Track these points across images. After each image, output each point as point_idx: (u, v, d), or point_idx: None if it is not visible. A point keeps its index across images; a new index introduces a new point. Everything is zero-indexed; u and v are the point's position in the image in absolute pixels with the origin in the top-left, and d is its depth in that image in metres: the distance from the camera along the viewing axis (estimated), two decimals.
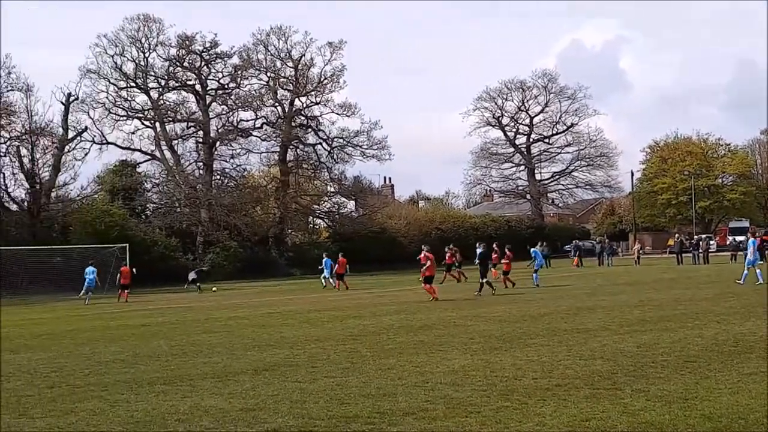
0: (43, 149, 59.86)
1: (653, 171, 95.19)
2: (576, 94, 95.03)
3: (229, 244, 65.45)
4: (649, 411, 9.68)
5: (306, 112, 76.27)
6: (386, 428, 9.44)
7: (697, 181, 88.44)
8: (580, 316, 21.41)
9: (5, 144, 58.24)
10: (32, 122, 58.39)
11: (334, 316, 24.87)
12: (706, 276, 37.12)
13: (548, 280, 40.31)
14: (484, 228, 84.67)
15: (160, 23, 69.87)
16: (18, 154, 58.40)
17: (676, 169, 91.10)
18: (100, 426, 10.09)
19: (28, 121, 58.32)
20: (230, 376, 13.48)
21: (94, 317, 29.61)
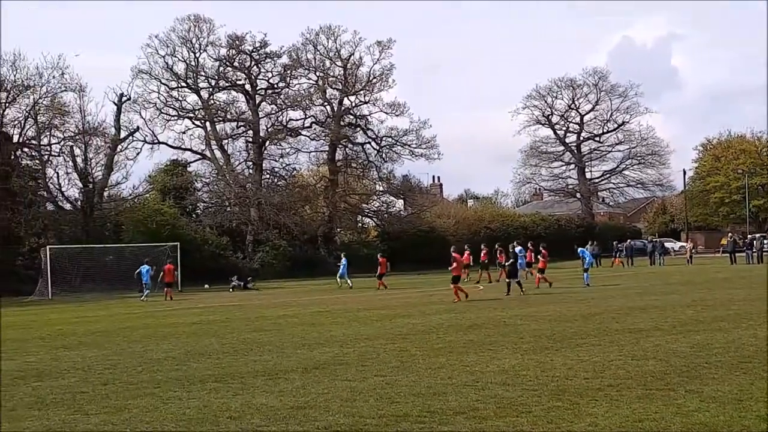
0: (96, 149, 60.60)
1: (706, 169, 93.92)
2: (627, 92, 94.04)
3: (279, 242, 65.76)
4: (703, 412, 9.57)
5: (355, 111, 76.33)
6: (437, 427, 9.44)
7: (750, 179, 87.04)
8: (631, 315, 21.22)
9: (59, 144, 59.09)
10: (85, 122, 59.13)
11: (384, 315, 24.89)
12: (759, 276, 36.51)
13: (599, 279, 39.96)
14: (534, 227, 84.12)
15: (210, 23, 70.46)
16: (72, 153, 59.18)
17: (730, 167, 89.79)
18: (153, 423, 10.20)
19: (81, 121, 59.06)
20: (281, 374, 13.55)
21: (146, 315, 29.93)
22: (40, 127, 57.21)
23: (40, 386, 13.27)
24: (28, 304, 41.30)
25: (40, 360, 16.75)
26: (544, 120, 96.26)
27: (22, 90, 55.67)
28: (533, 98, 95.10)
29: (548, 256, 37.84)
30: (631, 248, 64.84)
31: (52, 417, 10.71)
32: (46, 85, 56.75)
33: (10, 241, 54.38)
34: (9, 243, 54.26)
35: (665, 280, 38.80)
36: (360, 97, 75.37)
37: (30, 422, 10.48)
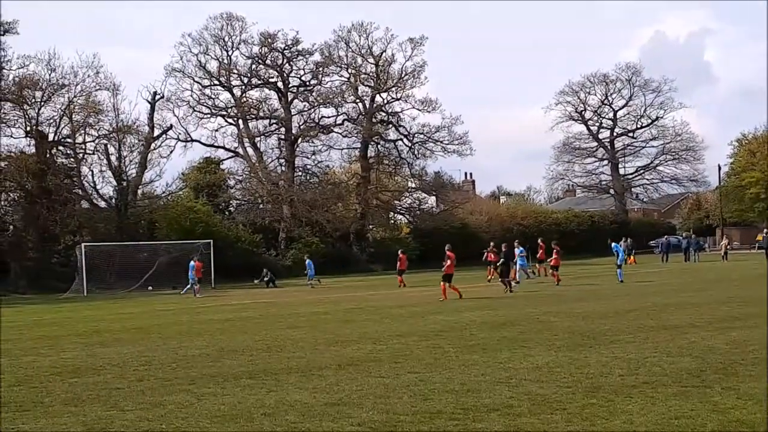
0: (130, 147, 61.13)
1: (741, 165, 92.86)
2: (661, 87, 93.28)
3: (311, 239, 65.92)
4: (740, 409, 9.48)
5: (387, 108, 76.35)
6: (471, 424, 9.41)
7: None
8: (666, 312, 21.06)
9: (94, 142, 59.62)
10: (119, 120, 59.67)
11: (416, 312, 24.89)
12: None
13: (634, 276, 39.69)
14: (567, 224, 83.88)
15: (242, 21, 70.80)
16: (106, 152, 59.76)
17: (766, 162, 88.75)
18: (188, 419, 10.26)
19: (115, 119, 59.60)
20: (314, 371, 13.58)
21: (180, 312, 30.12)
22: (74, 126, 57.78)
23: (76, 382, 13.39)
24: (64, 301, 41.70)
25: (76, 356, 16.90)
26: (577, 116, 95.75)
27: (57, 89, 56.24)
28: (566, 94, 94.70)
29: (561, 252, 37.48)
30: (666, 245, 64.35)
31: (88, 413, 10.80)
32: (80, 84, 57.41)
33: (46, 239, 55.06)
34: (45, 241, 54.96)
35: (700, 276, 38.50)
36: (392, 93, 75.44)
37: (66, 418, 10.58)
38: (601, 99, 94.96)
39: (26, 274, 52.71)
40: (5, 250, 53.75)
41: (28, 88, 55.09)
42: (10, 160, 55.56)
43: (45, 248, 54.76)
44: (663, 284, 32.98)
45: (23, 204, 55.93)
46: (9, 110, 55.35)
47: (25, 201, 55.51)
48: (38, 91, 55.60)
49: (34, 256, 54.20)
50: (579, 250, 78.23)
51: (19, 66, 55.41)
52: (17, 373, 14.74)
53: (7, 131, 55.62)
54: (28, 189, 54.93)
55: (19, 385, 13.29)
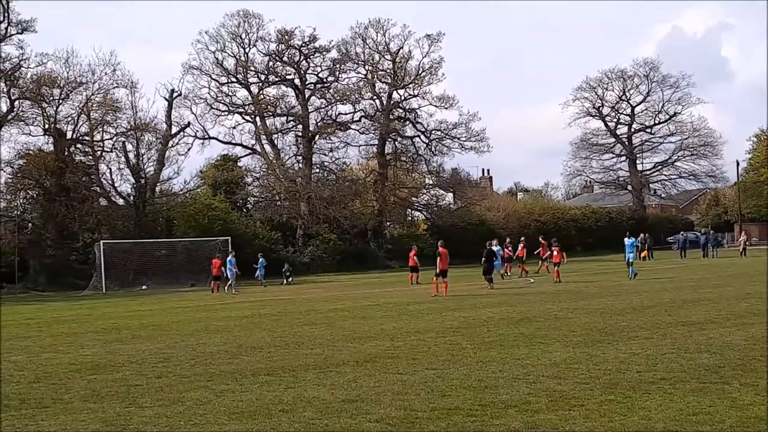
0: (148, 144, 61.35)
1: (760, 160, 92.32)
2: (679, 83, 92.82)
3: (329, 236, 66.00)
4: (759, 406, 9.45)
5: (404, 105, 76.25)
6: (488, 420, 9.43)
7: None
8: (684, 308, 20.99)
9: (112, 140, 59.88)
10: (137, 118, 59.87)
11: (434, 308, 24.89)
12: None
13: (652, 272, 39.57)
14: (584, 220, 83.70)
15: (259, 19, 70.87)
16: (124, 149, 59.98)
17: None
18: (207, 415, 10.31)
19: (132, 117, 59.81)
20: (332, 368, 13.62)
21: (198, 309, 30.23)
22: (92, 123, 58.00)
23: (95, 379, 13.47)
24: (83, 299, 41.91)
25: (95, 353, 17.00)
26: (594, 112, 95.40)
27: (75, 87, 56.49)
28: (583, 90, 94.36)
29: (561, 249, 37.16)
30: (684, 241, 64.06)
31: (107, 410, 10.87)
32: (98, 82, 57.65)
33: (64, 237, 55.33)
34: (64, 238, 55.22)
35: (718, 272, 38.29)
36: (409, 90, 75.28)
37: (86, 414, 10.65)
38: (619, 95, 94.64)
39: (45, 271, 53.04)
40: (24, 247, 54.10)
41: (46, 86, 55.35)
42: (28, 157, 55.88)
43: (64, 246, 55.02)
44: (681, 280, 32.84)
45: (42, 202, 56.23)
46: (27, 108, 55.60)
47: (44, 199, 55.81)
48: (56, 89, 55.85)
49: (53, 253, 54.51)
50: (596, 246, 78.06)
51: (37, 64, 55.72)
52: (37, 370, 14.85)
53: (26, 129, 55.92)
54: (47, 187, 55.25)
55: (38, 382, 13.39)
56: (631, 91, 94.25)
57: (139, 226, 57.38)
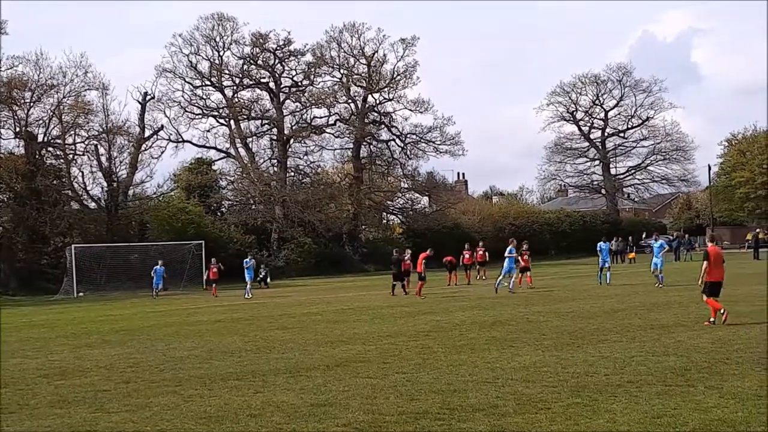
0: (120, 148, 60.93)
1: (731, 165, 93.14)
2: (651, 88, 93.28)
3: (304, 240, 65.85)
4: (722, 408, 9.55)
5: (379, 109, 76.28)
6: (456, 424, 9.46)
7: None
8: (654, 311, 21.14)
9: (83, 143, 59.46)
10: (109, 121, 59.44)
11: (407, 312, 24.93)
12: None
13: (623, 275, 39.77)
14: (559, 223, 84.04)
15: (234, 22, 70.56)
16: (96, 152, 59.54)
17: (755, 162, 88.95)
18: (174, 420, 10.29)
19: (105, 120, 59.37)
20: (302, 372, 13.63)
21: (170, 314, 30.10)
22: (64, 126, 57.50)
23: (63, 384, 13.40)
24: (54, 303, 41.64)
25: (64, 358, 16.91)
26: (568, 116, 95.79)
27: (46, 89, 56.08)
28: (557, 94, 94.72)
29: (530, 254, 36.45)
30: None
31: (73, 415, 10.82)
32: (69, 84, 57.19)
33: (35, 241, 54.90)
34: (35, 242, 54.79)
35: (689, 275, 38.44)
36: (384, 94, 75.30)
37: (52, 420, 10.60)
38: (592, 99, 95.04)
39: (16, 275, 52.59)
40: None
41: (17, 89, 54.91)
42: None
43: (35, 250, 54.58)
44: (651, 284, 32.99)
45: (12, 205, 55.71)
46: None
47: (15, 202, 55.30)
48: (27, 92, 55.42)
49: (24, 257, 54.06)
50: (571, 250, 78.42)
51: (8, 67, 55.28)
52: (4, 375, 14.75)
53: None
54: (18, 190, 54.71)
55: (5, 387, 13.31)
56: (604, 95, 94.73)
57: (112, 230, 57.00)
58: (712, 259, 18.60)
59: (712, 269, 18.51)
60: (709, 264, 18.52)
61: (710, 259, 18.59)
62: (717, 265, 18.59)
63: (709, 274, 18.52)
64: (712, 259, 18.60)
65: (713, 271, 18.51)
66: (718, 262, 18.67)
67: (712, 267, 18.52)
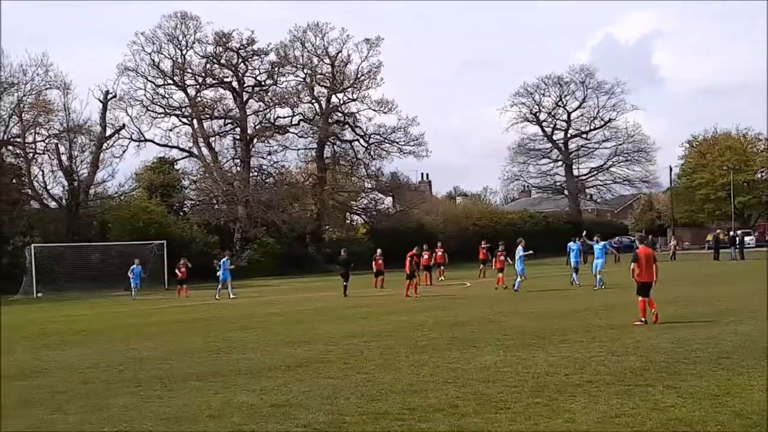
0: (81, 147, 60.43)
1: (692, 166, 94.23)
2: (613, 89, 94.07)
3: (267, 240, 65.64)
4: (680, 408, 9.63)
5: (343, 109, 76.26)
6: (416, 424, 9.46)
7: (736, 176, 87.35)
8: (614, 312, 21.32)
9: (44, 142, 58.90)
10: (70, 120, 58.94)
11: (370, 313, 24.94)
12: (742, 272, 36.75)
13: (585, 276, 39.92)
14: (522, 224, 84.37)
15: (197, 21, 70.16)
16: (57, 151, 59.04)
17: (715, 164, 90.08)
18: (132, 422, 10.20)
19: (66, 118, 58.87)
20: (263, 373, 13.57)
21: (131, 314, 29.89)
22: (24, 125, 56.99)
23: (21, 386, 13.24)
24: (13, 303, 41.14)
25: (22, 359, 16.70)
26: (531, 117, 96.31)
27: (5, 88, 55.44)
28: (521, 95, 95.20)
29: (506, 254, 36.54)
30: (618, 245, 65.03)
31: (30, 416, 10.69)
32: (30, 83, 56.64)
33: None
34: None
35: None
36: (348, 94, 75.32)
37: (9, 421, 10.46)
38: (555, 101, 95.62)
39: None
40: None
41: None
42: None
43: None
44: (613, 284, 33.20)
45: None
46: None
47: None
48: None
49: None
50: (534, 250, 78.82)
51: None
52: None
53: None
54: None
55: None
56: (567, 97, 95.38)
57: (72, 230, 56.43)
58: (642, 260, 18.99)
59: (642, 270, 18.89)
60: (638, 265, 18.76)
61: (640, 260, 18.95)
62: (647, 266, 18.99)
63: (639, 275, 18.89)
64: (642, 260, 18.99)
65: (643, 271, 18.89)
66: (648, 263, 19.06)
67: (642, 268, 18.90)
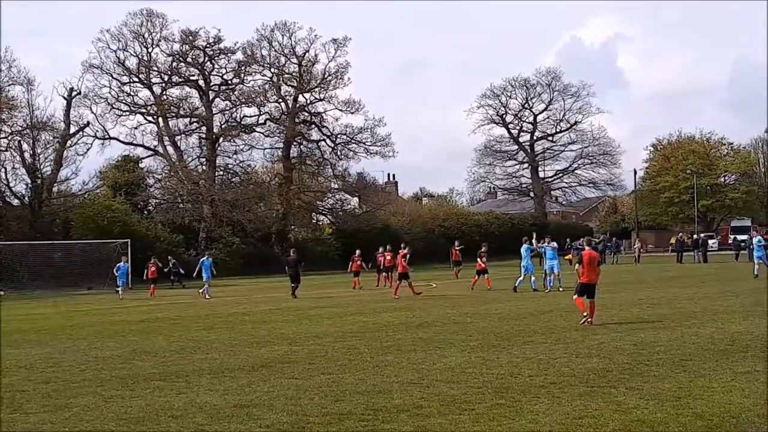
0: (45, 144, 59.97)
1: (656, 170, 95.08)
2: (579, 92, 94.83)
3: (232, 239, 65.39)
4: (642, 409, 9.69)
5: (310, 109, 76.20)
6: (379, 425, 9.45)
7: (699, 179, 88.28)
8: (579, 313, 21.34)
9: (7, 138, 58.24)
10: (33, 117, 58.41)
11: (335, 313, 24.89)
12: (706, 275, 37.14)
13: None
14: (487, 225, 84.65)
15: (163, 18, 69.84)
16: (19, 148, 58.49)
17: (679, 167, 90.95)
18: (93, 422, 10.10)
19: (29, 115, 58.34)
20: (227, 373, 13.49)
21: (94, 313, 29.65)
22: None
23: None
24: None
25: None
26: (498, 119, 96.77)
27: None
28: (488, 97, 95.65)
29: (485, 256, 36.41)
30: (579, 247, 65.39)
31: None
32: None
33: None
34: None
35: (613, 279, 39.12)
36: (315, 94, 75.30)
37: None
38: (522, 103, 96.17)
39: None
40: None
41: None
42: None
43: None
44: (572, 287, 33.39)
45: None
46: None
47: None
48: None
49: None
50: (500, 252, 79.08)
51: None
52: None
53: None
54: None
55: None
56: (533, 99, 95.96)
57: (35, 228, 55.89)
58: (586, 261, 19.29)
59: (587, 271, 19.18)
60: (583, 266, 19.12)
61: (584, 262, 19.27)
62: (591, 268, 19.28)
63: (583, 275, 19.19)
64: (586, 261, 19.29)
65: (588, 273, 19.18)
66: (592, 265, 19.38)
67: (586, 269, 19.18)
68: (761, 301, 23.02)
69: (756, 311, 20.45)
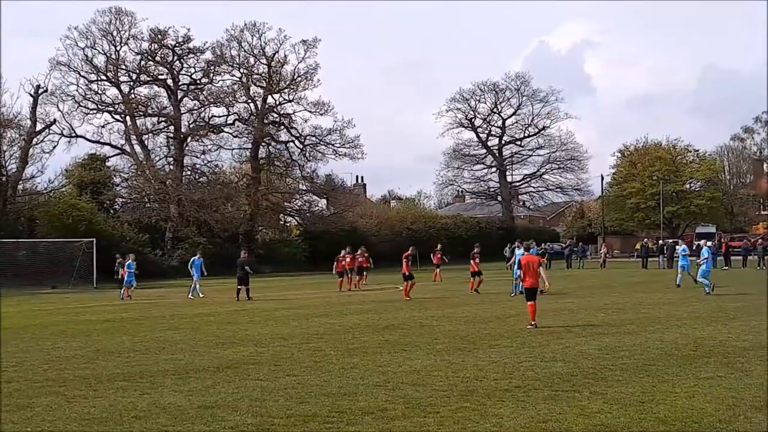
0: (10, 141, 59.24)
1: (623, 175, 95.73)
2: (548, 98, 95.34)
3: (199, 240, 64.94)
4: (606, 413, 9.76)
5: (279, 110, 76.00)
6: (344, 428, 9.45)
7: (665, 186, 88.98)
8: (544, 317, 21.46)
9: None
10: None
11: (301, 315, 24.84)
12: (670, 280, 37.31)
13: None
14: (455, 229, 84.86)
15: (132, 17, 69.33)
16: None
17: (646, 173, 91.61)
18: (56, 422, 10.02)
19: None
20: (191, 374, 13.43)
21: (58, 312, 29.38)
22: None
23: None
24: None
25: None
26: (467, 123, 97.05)
27: None
28: (457, 101, 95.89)
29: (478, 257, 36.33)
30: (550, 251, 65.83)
31: None
32: None
33: None
34: None
35: (580, 283, 39.41)
36: (284, 95, 75.13)
37: None
38: (491, 107, 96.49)
39: None
40: None
41: None
42: None
43: None
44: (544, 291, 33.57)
45: None
46: None
47: None
48: None
49: None
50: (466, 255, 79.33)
51: None
52: None
53: None
54: None
55: None
56: (502, 104, 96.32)
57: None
58: (524, 266, 19.77)
59: (526, 276, 19.65)
60: (522, 271, 19.66)
61: (523, 267, 19.83)
62: (530, 273, 19.63)
63: (525, 280, 19.74)
64: (524, 266, 19.77)
65: (527, 277, 19.64)
66: (531, 269, 19.67)
67: (525, 274, 19.69)
68: (724, 307, 23.28)
69: (718, 317, 20.67)
